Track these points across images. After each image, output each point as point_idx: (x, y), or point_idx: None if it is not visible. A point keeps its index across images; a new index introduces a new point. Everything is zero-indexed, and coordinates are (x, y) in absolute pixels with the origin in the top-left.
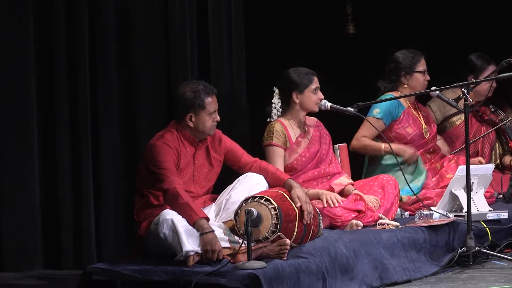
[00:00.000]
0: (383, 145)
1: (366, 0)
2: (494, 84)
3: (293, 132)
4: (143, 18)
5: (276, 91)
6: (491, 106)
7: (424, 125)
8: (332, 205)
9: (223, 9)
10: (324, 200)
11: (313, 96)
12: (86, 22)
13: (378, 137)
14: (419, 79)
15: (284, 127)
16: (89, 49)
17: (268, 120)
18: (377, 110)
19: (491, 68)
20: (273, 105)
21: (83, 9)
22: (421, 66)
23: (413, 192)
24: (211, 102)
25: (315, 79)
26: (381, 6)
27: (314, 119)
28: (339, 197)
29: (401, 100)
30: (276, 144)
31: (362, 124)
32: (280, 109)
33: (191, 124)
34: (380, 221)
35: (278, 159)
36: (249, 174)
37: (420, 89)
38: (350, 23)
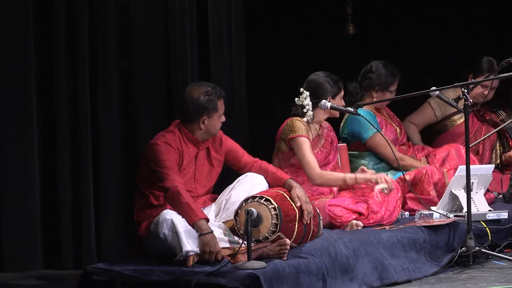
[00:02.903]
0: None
1: (366, 0)
2: (486, 92)
3: (311, 133)
4: (143, 18)
5: (306, 93)
6: (492, 106)
7: (396, 128)
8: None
9: (223, 9)
10: (379, 179)
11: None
12: (86, 22)
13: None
14: (387, 97)
15: (306, 127)
16: (89, 49)
17: (303, 118)
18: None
19: (489, 75)
20: (308, 107)
21: (83, 9)
22: (393, 87)
23: (411, 190)
24: (222, 105)
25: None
26: (381, 6)
27: (327, 123)
28: (388, 177)
29: (369, 109)
30: (306, 136)
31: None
32: (312, 113)
33: (202, 127)
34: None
35: (309, 149)
36: (249, 174)
37: (380, 105)
38: (350, 23)
